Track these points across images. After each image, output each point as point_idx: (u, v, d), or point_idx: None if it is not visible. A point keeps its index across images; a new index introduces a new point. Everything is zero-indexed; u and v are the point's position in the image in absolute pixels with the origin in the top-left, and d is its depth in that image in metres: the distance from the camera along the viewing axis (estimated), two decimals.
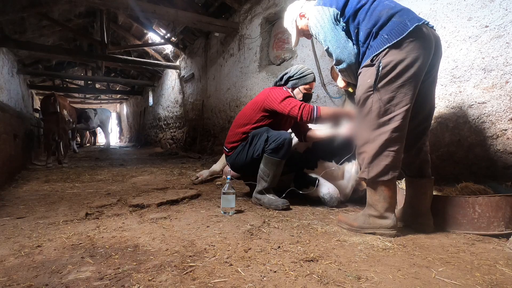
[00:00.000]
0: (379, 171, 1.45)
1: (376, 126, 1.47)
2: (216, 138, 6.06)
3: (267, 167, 2.09)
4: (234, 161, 2.27)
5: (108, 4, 4.41)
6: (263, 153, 2.09)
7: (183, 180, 3.35)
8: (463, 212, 1.53)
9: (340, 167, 2.25)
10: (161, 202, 2.12)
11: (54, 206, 2.09)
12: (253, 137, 2.15)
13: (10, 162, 3.23)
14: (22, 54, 7.25)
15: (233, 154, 2.27)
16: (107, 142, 11.57)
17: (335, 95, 3.21)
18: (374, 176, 1.47)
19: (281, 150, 2.03)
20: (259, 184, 2.16)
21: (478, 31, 2.02)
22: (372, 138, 1.48)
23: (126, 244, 1.35)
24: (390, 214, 1.49)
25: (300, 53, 3.81)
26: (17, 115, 3.96)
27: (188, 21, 5.07)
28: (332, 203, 2.11)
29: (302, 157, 2.36)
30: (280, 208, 2.01)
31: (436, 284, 1.01)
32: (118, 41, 8.89)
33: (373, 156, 1.47)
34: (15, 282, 1.00)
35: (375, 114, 1.46)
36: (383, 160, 1.45)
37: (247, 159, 2.17)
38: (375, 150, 1.46)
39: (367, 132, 1.50)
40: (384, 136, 1.44)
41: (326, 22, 1.59)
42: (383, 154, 1.45)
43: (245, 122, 2.24)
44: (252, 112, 2.23)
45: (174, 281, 1.01)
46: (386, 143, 1.44)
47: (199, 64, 7.00)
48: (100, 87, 12.52)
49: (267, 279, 1.03)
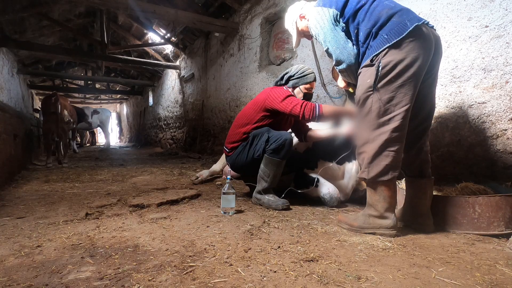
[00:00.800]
0: (379, 171, 1.45)
1: (376, 126, 1.47)
2: (216, 138, 6.07)
3: (267, 167, 2.09)
4: (235, 161, 2.27)
5: (108, 4, 4.41)
6: (263, 153, 2.09)
7: (183, 180, 3.35)
8: (463, 212, 1.53)
9: (340, 167, 2.25)
10: (161, 202, 2.12)
11: (54, 206, 2.09)
12: (253, 138, 2.15)
13: (10, 162, 3.23)
14: (22, 54, 7.25)
15: (234, 154, 2.27)
16: (107, 142, 11.57)
17: (335, 95, 3.21)
18: (374, 176, 1.47)
19: (282, 150, 2.03)
20: (259, 184, 2.16)
21: (478, 31, 2.02)
22: (372, 138, 1.48)
23: (126, 244, 1.35)
24: (390, 214, 1.49)
25: (300, 53, 3.82)
26: (17, 115, 3.96)
27: (188, 21, 5.07)
28: (332, 203, 2.11)
29: (302, 157, 2.36)
30: (280, 208, 2.01)
31: (436, 284, 1.01)
32: (118, 41, 8.89)
33: (373, 156, 1.47)
34: (15, 282, 1.00)
35: (375, 114, 1.47)
36: (383, 160, 1.45)
37: (248, 159, 2.17)
38: (375, 150, 1.46)
39: (367, 132, 1.50)
40: (384, 136, 1.44)
41: (326, 23, 1.59)
42: (383, 154, 1.45)
43: (246, 122, 2.24)
44: (253, 112, 2.23)
45: (174, 281, 1.01)
46: (386, 143, 1.44)
47: (199, 64, 7.00)
48: (100, 87, 12.53)
49: (267, 279, 1.03)
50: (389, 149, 1.44)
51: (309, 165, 2.30)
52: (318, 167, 2.28)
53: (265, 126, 2.18)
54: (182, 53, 7.88)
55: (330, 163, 2.23)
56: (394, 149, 1.44)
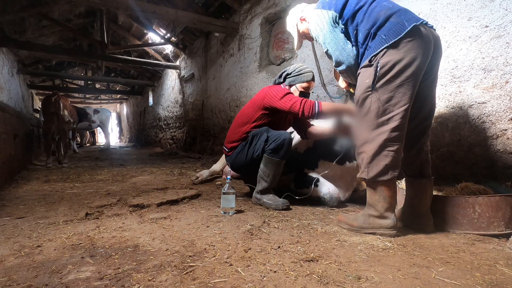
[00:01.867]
0: (379, 171, 1.45)
1: (375, 126, 1.47)
2: (216, 138, 6.07)
3: (267, 167, 2.09)
4: (234, 161, 2.27)
5: (108, 4, 4.41)
6: (263, 153, 2.09)
7: (183, 180, 3.35)
8: (463, 212, 1.53)
9: (341, 167, 2.24)
10: (161, 202, 2.12)
11: (54, 206, 2.09)
12: (253, 137, 2.15)
13: (10, 162, 3.23)
14: (22, 54, 7.25)
15: (233, 154, 2.26)
16: (107, 142, 11.57)
17: (335, 95, 3.21)
18: (373, 176, 1.47)
19: (281, 150, 2.03)
20: (259, 184, 2.16)
21: (478, 31, 2.02)
22: (371, 138, 1.48)
23: (126, 244, 1.35)
24: (390, 214, 1.49)
25: (300, 53, 3.82)
26: (17, 115, 3.96)
27: (188, 21, 5.07)
28: (332, 203, 2.11)
29: (302, 157, 2.36)
30: (280, 208, 2.01)
31: (436, 284, 1.01)
32: (118, 41, 8.90)
33: (373, 156, 1.47)
34: (15, 282, 1.00)
35: (374, 114, 1.47)
36: (383, 160, 1.45)
37: (247, 159, 2.16)
38: (375, 150, 1.46)
39: (366, 132, 1.50)
40: (383, 136, 1.44)
41: (325, 25, 1.59)
42: (382, 153, 1.45)
43: (245, 121, 2.24)
44: (252, 111, 2.23)
45: (174, 281, 1.01)
46: (385, 143, 1.44)
47: (199, 64, 7.00)
48: (100, 87, 12.53)
49: (267, 279, 1.03)
50: (389, 148, 1.44)
51: (310, 165, 2.30)
52: (319, 167, 2.27)
53: (264, 125, 2.17)
54: (182, 53, 7.88)
55: (331, 163, 2.23)
56: (393, 148, 1.44)
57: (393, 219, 1.48)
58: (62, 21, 6.42)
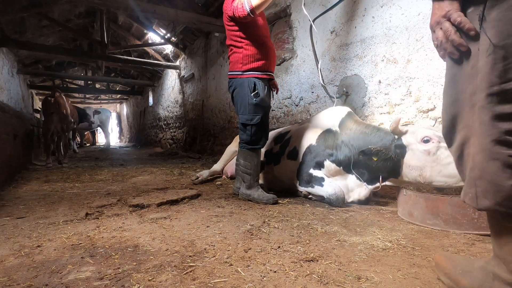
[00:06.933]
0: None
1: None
2: (216, 138, 6.06)
3: (246, 160, 2.21)
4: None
5: (108, 4, 4.41)
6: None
7: (183, 180, 3.35)
8: (463, 212, 1.53)
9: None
10: (161, 202, 2.12)
11: (54, 206, 2.09)
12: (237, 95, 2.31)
13: (10, 162, 3.23)
14: (22, 54, 7.25)
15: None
16: (107, 142, 11.58)
17: (335, 95, 3.21)
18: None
19: (254, 138, 2.18)
20: (244, 179, 2.25)
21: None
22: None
23: (126, 244, 1.35)
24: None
25: (300, 53, 3.82)
26: (17, 115, 3.96)
27: (188, 21, 5.07)
28: (338, 204, 2.09)
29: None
30: (271, 203, 2.11)
31: (436, 284, 1.01)
32: (118, 41, 8.90)
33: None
34: (15, 282, 1.00)
35: None
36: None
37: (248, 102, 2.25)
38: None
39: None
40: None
41: None
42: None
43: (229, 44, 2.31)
44: (229, 34, 2.26)
45: (174, 281, 1.01)
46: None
47: (199, 64, 7.00)
48: (100, 87, 12.53)
49: (267, 279, 1.03)
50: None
51: (316, 165, 2.29)
52: (325, 167, 2.26)
53: (247, 45, 2.19)
54: (182, 53, 7.88)
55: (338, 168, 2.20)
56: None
57: None
58: (62, 21, 6.42)
